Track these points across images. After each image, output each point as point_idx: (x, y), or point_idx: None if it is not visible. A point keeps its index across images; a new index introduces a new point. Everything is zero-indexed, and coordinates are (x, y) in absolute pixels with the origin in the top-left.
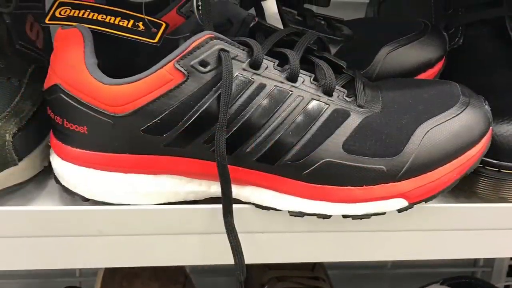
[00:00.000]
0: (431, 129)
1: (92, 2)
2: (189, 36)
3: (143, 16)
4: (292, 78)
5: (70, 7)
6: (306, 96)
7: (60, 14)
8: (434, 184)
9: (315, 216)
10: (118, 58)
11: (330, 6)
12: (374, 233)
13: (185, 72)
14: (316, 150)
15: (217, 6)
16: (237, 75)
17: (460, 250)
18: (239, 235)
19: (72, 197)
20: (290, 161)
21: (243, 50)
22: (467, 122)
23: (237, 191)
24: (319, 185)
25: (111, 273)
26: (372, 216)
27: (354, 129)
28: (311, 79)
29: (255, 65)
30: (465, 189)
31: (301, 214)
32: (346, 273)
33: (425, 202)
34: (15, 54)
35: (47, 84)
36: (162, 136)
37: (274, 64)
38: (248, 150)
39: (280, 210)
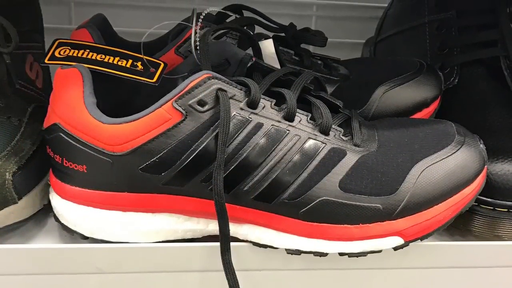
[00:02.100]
0: (426, 167)
1: (91, 42)
2: (187, 76)
3: (141, 56)
4: (289, 117)
5: (69, 47)
6: (303, 135)
7: (59, 54)
8: (429, 222)
9: (312, 254)
10: (117, 97)
11: (327, 46)
12: (370, 271)
13: (183, 112)
14: (313, 188)
15: (215, 46)
16: (234, 114)
17: None
18: (236, 272)
19: (71, 235)
20: (287, 199)
21: (241, 89)
22: (462, 161)
23: (235, 229)
24: (316, 224)
25: None
26: (369, 254)
27: (350, 167)
28: (308, 118)
29: (252, 105)
30: (460, 227)
31: (298, 252)
32: None
33: (421, 240)
34: (15, 93)
35: (46, 123)
36: (160, 174)
37: (271, 104)
38: (245, 188)
39: (277, 248)
